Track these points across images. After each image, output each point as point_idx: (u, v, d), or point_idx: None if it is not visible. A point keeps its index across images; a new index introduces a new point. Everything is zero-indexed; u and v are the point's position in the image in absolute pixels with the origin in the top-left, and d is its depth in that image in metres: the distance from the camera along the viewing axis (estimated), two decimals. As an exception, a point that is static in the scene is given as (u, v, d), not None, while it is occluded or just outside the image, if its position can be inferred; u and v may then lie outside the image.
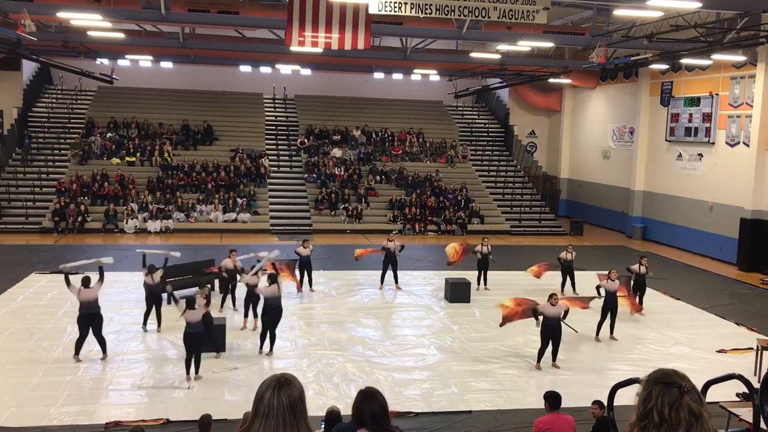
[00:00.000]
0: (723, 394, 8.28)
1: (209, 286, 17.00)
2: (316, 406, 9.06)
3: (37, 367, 11.54)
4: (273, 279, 12.65)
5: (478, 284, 18.01)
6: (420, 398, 10.86)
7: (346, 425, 3.81)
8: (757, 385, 4.04)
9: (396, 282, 17.85)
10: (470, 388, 11.32)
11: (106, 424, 9.51)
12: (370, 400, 3.47)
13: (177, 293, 13.21)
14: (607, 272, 14.28)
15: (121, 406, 10.16)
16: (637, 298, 15.76)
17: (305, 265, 17.27)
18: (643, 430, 2.30)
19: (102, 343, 12.06)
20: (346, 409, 5.23)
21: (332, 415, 7.26)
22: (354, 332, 14.21)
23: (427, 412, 10.28)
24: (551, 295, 12.20)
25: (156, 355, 12.51)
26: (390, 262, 17.73)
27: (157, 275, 13.90)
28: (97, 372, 11.53)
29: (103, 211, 25.61)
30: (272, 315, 12.51)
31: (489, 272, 18.13)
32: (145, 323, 13.87)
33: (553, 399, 7.97)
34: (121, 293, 16.54)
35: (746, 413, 8.40)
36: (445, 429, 9.81)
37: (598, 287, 14.32)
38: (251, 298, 13.89)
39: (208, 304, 11.67)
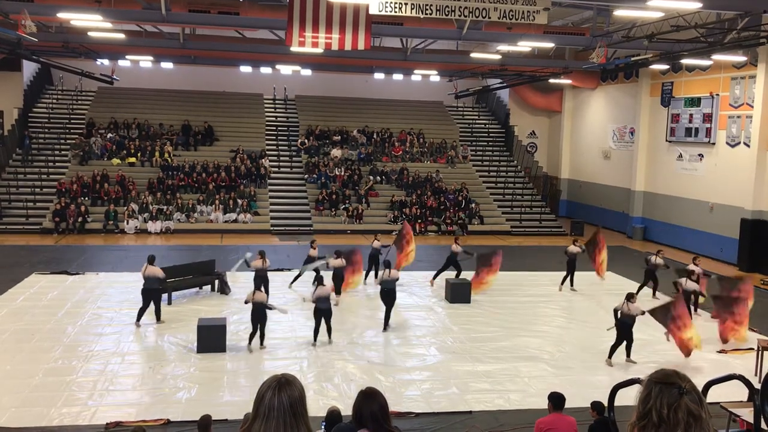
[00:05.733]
0: (724, 394, 8.27)
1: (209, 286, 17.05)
2: (316, 407, 9.05)
3: (37, 368, 11.54)
4: (320, 281, 13.29)
5: (562, 285, 18.23)
6: (420, 398, 10.85)
7: (347, 425, 3.81)
8: (757, 386, 4.04)
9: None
10: (471, 389, 11.32)
11: (107, 424, 9.51)
12: (370, 400, 3.47)
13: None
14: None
15: (122, 407, 10.16)
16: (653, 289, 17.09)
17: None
18: (642, 430, 2.30)
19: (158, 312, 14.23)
20: (346, 410, 5.22)
21: (333, 416, 7.26)
22: (355, 332, 14.21)
23: (427, 413, 10.28)
24: (630, 295, 12.59)
25: (157, 356, 12.50)
26: (452, 263, 18.07)
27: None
28: (98, 372, 11.53)
29: (104, 211, 25.62)
30: (323, 314, 13.12)
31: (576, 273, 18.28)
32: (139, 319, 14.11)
33: (556, 399, 7.95)
34: (122, 294, 16.54)
35: (747, 414, 8.39)
36: (446, 429, 9.80)
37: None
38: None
39: None
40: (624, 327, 12.44)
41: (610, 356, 12.63)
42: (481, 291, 17.19)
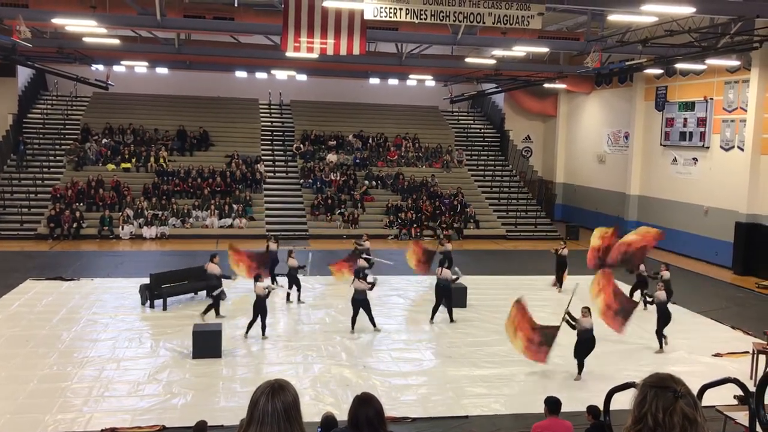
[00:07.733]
0: (719, 397, 8.29)
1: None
2: (312, 412, 9.03)
3: (32, 374, 11.49)
4: (357, 275, 15.09)
5: (556, 285, 18.62)
6: (416, 403, 10.84)
7: (342, 431, 3.81)
8: (752, 389, 4.05)
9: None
10: (467, 393, 11.31)
11: (102, 430, 9.48)
12: (366, 405, 3.45)
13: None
14: None
15: (117, 413, 10.12)
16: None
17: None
18: (637, 435, 2.30)
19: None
20: (342, 415, 5.22)
21: (328, 421, 7.25)
22: (350, 337, 14.18)
23: (423, 418, 10.27)
24: (584, 308, 12.23)
25: (152, 361, 12.45)
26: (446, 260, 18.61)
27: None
28: (93, 379, 11.48)
29: (99, 217, 25.54)
30: (360, 304, 14.40)
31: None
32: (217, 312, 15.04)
33: (553, 404, 7.96)
34: (117, 299, 16.49)
35: (742, 417, 8.41)
36: (442, 434, 9.79)
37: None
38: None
39: None
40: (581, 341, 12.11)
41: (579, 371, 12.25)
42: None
